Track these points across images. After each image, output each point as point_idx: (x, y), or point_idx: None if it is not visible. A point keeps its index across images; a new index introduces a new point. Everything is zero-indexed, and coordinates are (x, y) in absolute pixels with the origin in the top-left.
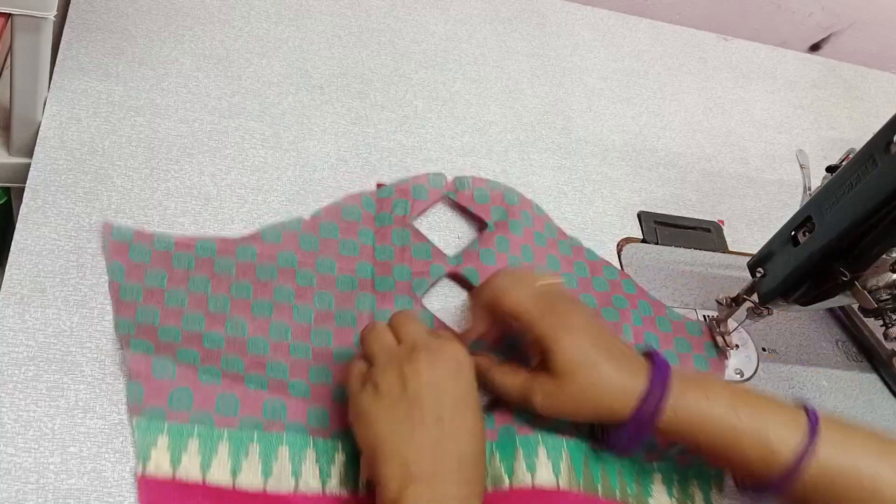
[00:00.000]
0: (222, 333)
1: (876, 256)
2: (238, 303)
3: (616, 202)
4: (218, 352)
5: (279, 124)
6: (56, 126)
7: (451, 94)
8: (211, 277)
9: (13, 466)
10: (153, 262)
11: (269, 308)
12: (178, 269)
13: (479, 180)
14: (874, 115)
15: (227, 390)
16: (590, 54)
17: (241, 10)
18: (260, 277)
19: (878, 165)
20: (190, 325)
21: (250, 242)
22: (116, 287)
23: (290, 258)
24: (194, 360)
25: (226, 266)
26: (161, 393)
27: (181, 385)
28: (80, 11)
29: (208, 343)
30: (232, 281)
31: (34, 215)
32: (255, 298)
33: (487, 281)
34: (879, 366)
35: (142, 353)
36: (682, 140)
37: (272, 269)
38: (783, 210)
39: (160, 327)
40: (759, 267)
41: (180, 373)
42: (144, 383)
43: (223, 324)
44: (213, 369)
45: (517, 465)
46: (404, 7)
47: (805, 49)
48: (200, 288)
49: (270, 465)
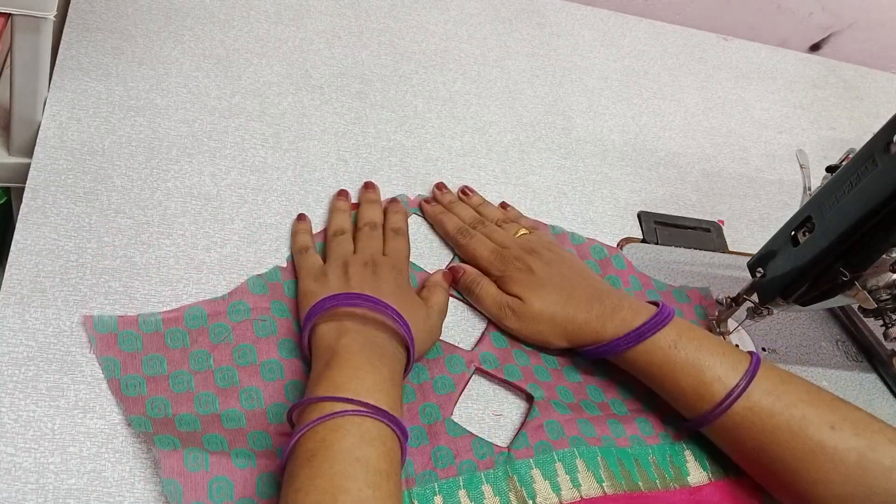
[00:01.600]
0: (239, 409)
1: (876, 256)
2: (246, 370)
3: (616, 202)
4: (241, 430)
5: (279, 124)
6: (56, 126)
7: (451, 94)
8: (211, 349)
9: (13, 466)
10: (146, 347)
11: (280, 368)
12: (175, 349)
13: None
14: (874, 115)
15: (263, 471)
16: (590, 54)
17: (241, 10)
18: (260, 335)
19: (878, 165)
20: (204, 408)
21: (240, 297)
22: (117, 383)
23: (283, 308)
24: (223, 446)
25: (222, 332)
26: (200, 487)
27: (218, 474)
28: (80, 11)
29: (228, 423)
30: (233, 347)
31: (34, 215)
32: (262, 360)
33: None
34: (879, 366)
35: (170, 450)
36: (682, 140)
37: (271, 323)
38: (783, 210)
39: (175, 417)
40: (759, 267)
41: (214, 461)
42: (180, 479)
43: (237, 398)
44: (245, 451)
45: (561, 480)
46: (404, 7)
47: (805, 49)
48: (203, 364)
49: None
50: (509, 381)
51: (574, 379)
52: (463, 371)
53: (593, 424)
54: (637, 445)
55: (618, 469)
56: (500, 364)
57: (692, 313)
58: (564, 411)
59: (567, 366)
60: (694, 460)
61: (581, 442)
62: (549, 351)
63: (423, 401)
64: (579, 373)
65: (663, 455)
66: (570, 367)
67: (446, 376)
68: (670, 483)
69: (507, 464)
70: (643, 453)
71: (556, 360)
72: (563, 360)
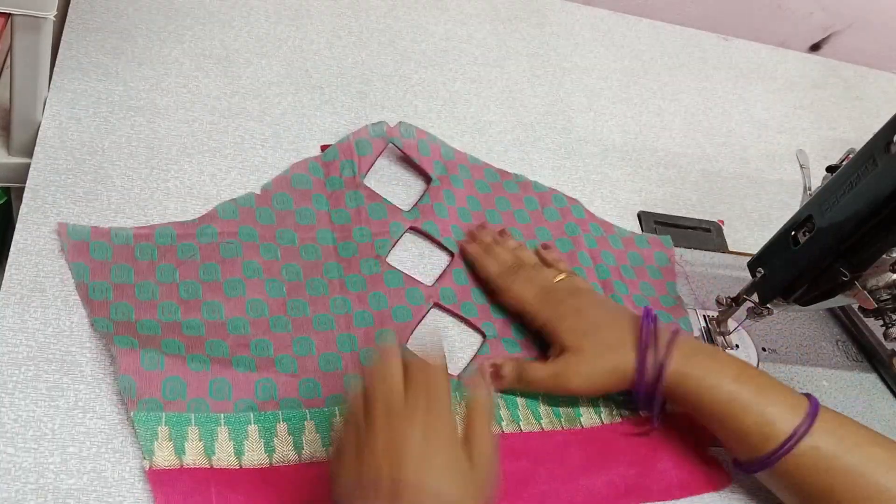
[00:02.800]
0: (200, 319)
1: (876, 256)
2: (209, 285)
3: (616, 202)
4: (200, 338)
5: (279, 124)
6: (56, 126)
7: (451, 94)
8: (177, 265)
9: (13, 466)
10: (116, 257)
11: (242, 286)
12: (143, 261)
13: (421, 132)
14: (874, 115)
15: (217, 375)
16: (590, 54)
17: (241, 10)
18: (225, 256)
19: (878, 165)
20: (166, 316)
21: (208, 222)
22: (85, 287)
23: (251, 232)
24: (179, 350)
25: (189, 250)
26: (153, 384)
27: (172, 374)
28: (80, 11)
29: (188, 331)
30: (199, 264)
31: (34, 215)
32: (226, 278)
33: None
34: (879, 366)
35: (127, 348)
36: (682, 140)
37: (236, 246)
38: (783, 210)
39: (137, 322)
40: (759, 267)
41: (169, 363)
42: (135, 376)
43: (199, 309)
44: (200, 356)
45: (503, 414)
46: (404, 7)
47: (805, 49)
48: (168, 277)
49: (272, 441)
50: (465, 318)
51: None
52: (421, 304)
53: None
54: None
55: (558, 405)
56: (457, 300)
57: (652, 259)
58: (514, 349)
59: None
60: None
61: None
62: None
63: (381, 326)
64: None
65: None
66: None
67: (405, 307)
68: (616, 413)
69: (457, 390)
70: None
71: None
72: None
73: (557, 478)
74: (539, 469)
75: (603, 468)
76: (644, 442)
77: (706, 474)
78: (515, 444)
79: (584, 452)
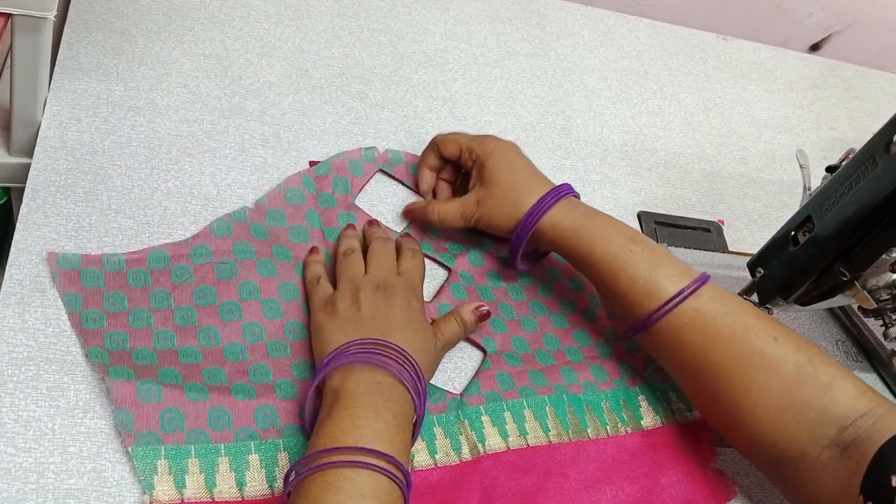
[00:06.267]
0: (196, 346)
1: (876, 256)
2: (205, 310)
3: (616, 202)
4: (197, 366)
5: (279, 124)
6: (56, 126)
7: (451, 94)
8: (171, 289)
9: (13, 466)
10: (108, 285)
11: (238, 309)
12: (136, 288)
13: (409, 155)
14: (874, 115)
15: (216, 404)
16: (590, 54)
17: (241, 10)
18: (220, 277)
19: (878, 165)
20: (162, 344)
21: (202, 241)
22: (77, 317)
23: (247, 249)
24: (177, 379)
25: (183, 273)
26: (151, 417)
27: (170, 406)
28: (80, 11)
29: (185, 358)
30: (193, 288)
31: (34, 215)
32: (222, 301)
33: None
34: (879, 366)
35: (123, 381)
36: (682, 140)
37: (231, 266)
38: (783, 210)
39: (133, 351)
40: (759, 267)
41: (166, 394)
42: (132, 409)
43: (195, 335)
44: (198, 385)
45: (509, 428)
46: (404, 7)
47: (805, 49)
48: (163, 303)
49: (273, 471)
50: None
51: (531, 328)
52: None
53: (545, 374)
54: (590, 392)
55: (566, 417)
56: None
57: None
58: (516, 363)
59: (524, 315)
60: (648, 405)
61: (531, 392)
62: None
63: None
64: (536, 322)
65: (616, 400)
66: (527, 318)
67: None
68: (622, 428)
69: (459, 409)
70: (596, 399)
71: (513, 310)
72: (521, 311)
73: (566, 492)
74: (547, 484)
75: (608, 483)
76: (649, 456)
77: (711, 488)
78: (523, 460)
79: (590, 467)
